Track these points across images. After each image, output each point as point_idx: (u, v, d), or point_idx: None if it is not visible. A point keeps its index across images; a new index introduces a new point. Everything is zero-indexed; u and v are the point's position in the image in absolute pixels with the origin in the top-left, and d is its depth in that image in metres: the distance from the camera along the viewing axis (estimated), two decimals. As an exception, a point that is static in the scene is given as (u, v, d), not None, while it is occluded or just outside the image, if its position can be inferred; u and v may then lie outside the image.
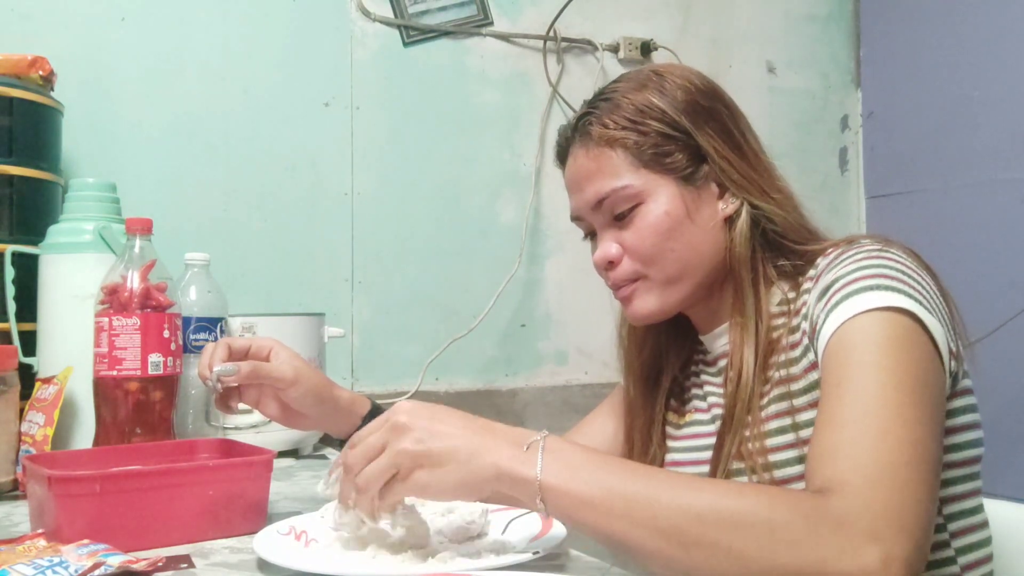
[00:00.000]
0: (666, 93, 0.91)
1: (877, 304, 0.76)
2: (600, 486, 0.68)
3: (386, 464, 0.72)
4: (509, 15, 2.00)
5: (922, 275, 0.80)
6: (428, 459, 0.71)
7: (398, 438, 0.72)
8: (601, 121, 0.91)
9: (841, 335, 0.76)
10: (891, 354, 0.73)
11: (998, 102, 2.00)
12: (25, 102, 1.35)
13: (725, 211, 0.92)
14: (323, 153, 1.83)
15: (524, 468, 0.70)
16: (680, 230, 0.90)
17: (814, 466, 0.71)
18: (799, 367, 0.85)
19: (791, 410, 0.85)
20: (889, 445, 0.68)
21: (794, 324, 0.87)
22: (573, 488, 0.69)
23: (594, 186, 0.92)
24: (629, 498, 0.67)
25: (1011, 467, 1.09)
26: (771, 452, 0.85)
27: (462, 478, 0.70)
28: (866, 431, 0.69)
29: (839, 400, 0.73)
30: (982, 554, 0.87)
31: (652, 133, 0.90)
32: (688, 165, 0.91)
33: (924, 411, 0.71)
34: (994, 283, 1.93)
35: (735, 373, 0.89)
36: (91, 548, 0.72)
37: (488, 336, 1.93)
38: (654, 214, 0.90)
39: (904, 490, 0.66)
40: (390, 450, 0.72)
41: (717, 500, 0.66)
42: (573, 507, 0.69)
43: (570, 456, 0.71)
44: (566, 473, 0.69)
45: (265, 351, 0.96)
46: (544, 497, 0.69)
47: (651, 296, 0.92)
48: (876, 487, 0.65)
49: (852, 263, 0.81)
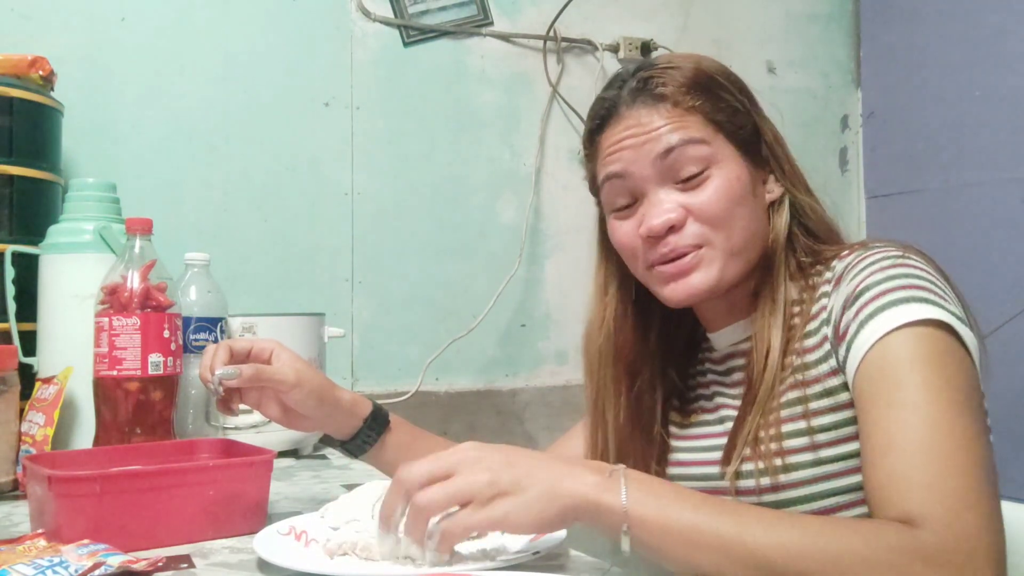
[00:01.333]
0: (721, 69, 0.92)
1: (913, 317, 0.75)
2: (690, 519, 0.68)
3: (460, 487, 0.68)
4: (509, 15, 2.00)
5: (944, 282, 0.81)
6: (510, 488, 0.68)
7: (473, 467, 0.69)
8: (675, 81, 0.88)
9: (882, 351, 0.76)
10: (937, 371, 0.73)
11: (998, 102, 2.00)
12: (25, 102, 1.35)
13: (772, 195, 0.92)
14: (323, 153, 1.83)
15: (609, 496, 0.69)
16: (746, 200, 0.88)
17: (887, 495, 0.70)
18: (816, 371, 0.84)
19: (806, 413, 0.84)
20: (962, 472, 0.68)
21: (809, 329, 0.86)
22: (662, 519, 0.68)
23: (665, 138, 0.87)
24: (721, 533, 0.67)
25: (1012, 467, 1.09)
26: (788, 454, 0.84)
27: (544, 507, 0.68)
28: (934, 457, 0.69)
29: (895, 423, 0.72)
30: None
31: (724, 102, 0.89)
32: (753, 140, 0.91)
33: (978, 426, 0.72)
34: (994, 283, 1.93)
35: (761, 356, 0.87)
36: (91, 548, 0.72)
37: (488, 336, 1.93)
38: (727, 178, 0.87)
39: (986, 522, 0.67)
40: (466, 476, 0.68)
41: (813, 536, 0.66)
42: (661, 539, 0.68)
43: (656, 487, 0.71)
44: (653, 503, 0.69)
45: (266, 353, 0.96)
46: (631, 527, 0.68)
47: (714, 268, 0.87)
48: (961, 521, 0.66)
49: (878, 271, 0.80)
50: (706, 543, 0.67)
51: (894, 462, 0.71)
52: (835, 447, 0.82)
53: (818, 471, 0.83)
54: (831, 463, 0.82)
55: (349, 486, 1.10)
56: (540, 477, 0.69)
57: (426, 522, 0.68)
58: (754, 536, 0.67)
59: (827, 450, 0.82)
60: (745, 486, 0.86)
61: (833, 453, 0.82)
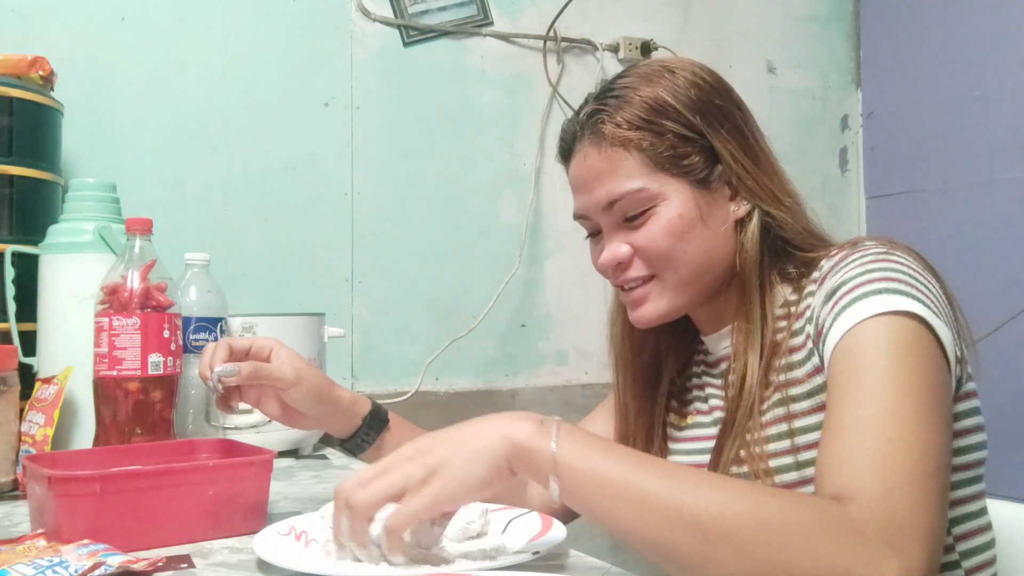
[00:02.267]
0: (679, 91, 0.89)
1: (885, 308, 0.75)
2: (620, 471, 0.66)
3: (392, 479, 0.68)
4: (509, 15, 2.00)
5: (928, 278, 0.80)
6: (438, 464, 0.68)
7: (397, 461, 0.70)
8: (613, 119, 0.88)
9: (849, 340, 0.75)
10: (901, 359, 0.72)
11: (998, 102, 2.00)
12: (25, 102, 1.35)
13: (737, 214, 0.90)
14: (323, 153, 1.83)
15: (539, 442, 0.68)
16: (693, 233, 0.88)
17: (827, 471, 0.70)
18: (802, 371, 0.85)
19: (788, 416, 0.84)
20: (905, 454, 0.67)
21: (796, 327, 0.87)
22: (588, 468, 0.67)
23: (606, 187, 0.89)
24: (650, 488, 0.65)
25: (1011, 467, 1.09)
26: (771, 457, 0.84)
27: (474, 467, 0.67)
28: (880, 438, 0.68)
29: (849, 405, 0.72)
30: (987, 557, 0.87)
31: (668, 134, 0.87)
32: (703, 167, 0.89)
33: (935, 417, 0.70)
34: (994, 283, 1.93)
35: (738, 378, 0.88)
36: (91, 548, 0.72)
37: (488, 336, 1.93)
38: (667, 217, 0.88)
39: (922, 501, 0.65)
40: (396, 470, 0.69)
41: (740, 498, 0.65)
42: (588, 489, 0.67)
43: (588, 439, 0.69)
44: (583, 453, 0.67)
45: (266, 351, 0.96)
46: (559, 474, 0.67)
47: (663, 299, 0.90)
48: (895, 497, 0.65)
49: (858, 266, 0.80)
50: (633, 497, 0.65)
51: (842, 442, 0.70)
52: (814, 450, 0.81)
53: (802, 474, 0.83)
54: (810, 466, 0.82)
55: (349, 486, 1.10)
56: (462, 442, 0.69)
57: (366, 524, 0.68)
58: (681, 493, 0.65)
59: (806, 453, 0.83)
60: None
61: (811, 456, 0.81)
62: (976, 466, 0.86)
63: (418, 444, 0.71)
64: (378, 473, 0.70)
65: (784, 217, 0.90)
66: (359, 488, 0.69)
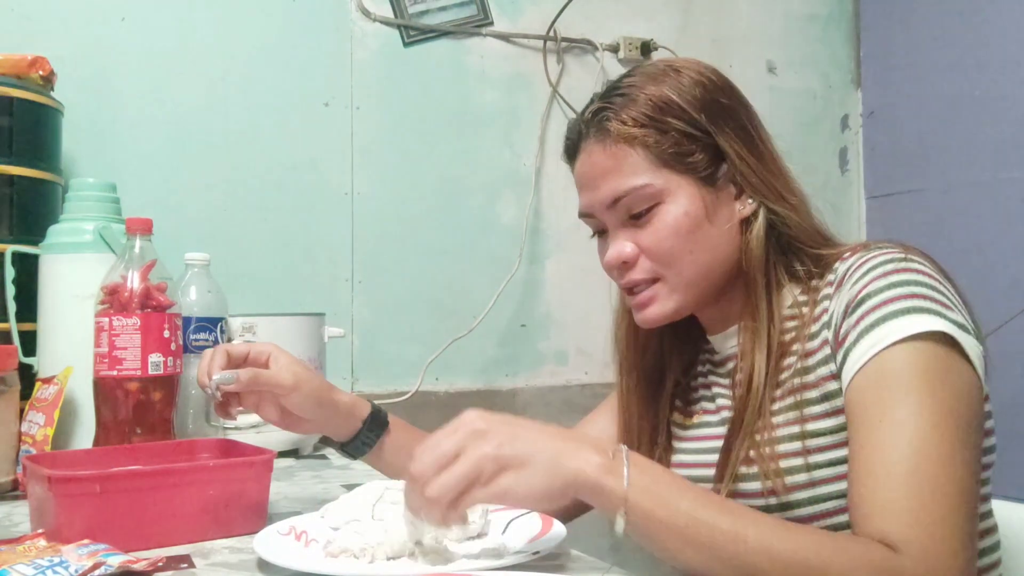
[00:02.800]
0: (684, 89, 0.89)
1: (913, 331, 0.75)
2: (686, 513, 0.68)
3: (467, 469, 0.68)
4: (509, 15, 2.00)
5: (947, 286, 0.80)
6: (513, 462, 0.68)
7: (477, 442, 0.69)
8: (619, 117, 0.88)
9: (878, 366, 0.76)
10: (932, 391, 0.73)
11: (998, 102, 2.00)
12: (25, 102, 1.35)
13: (742, 212, 0.90)
14: (323, 153, 1.83)
15: (611, 479, 0.69)
16: (698, 232, 0.88)
17: (868, 513, 0.71)
18: (815, 375, 0.84)
19: (800, 419, 0.84)
20: (942, 497, 0.69)
21: (812, 331, 0.86)
22: (660, 510, 0.68)
23: (611, 184, 0.89)
24: (714, 530, 0.68)
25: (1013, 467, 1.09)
26: (782, 458, 0.84)
27: (547, 482, 0.68)
28: (917, 481, 0.70)
29: (882, 443, 0.73)
30: (994, 558, 0.87)
31: (672, 132, 0.87)
32: (708, 165, 0.88)
33: (967, 452, 0.72)
34: (995, 283, 1.93)
35: (745, 378, 0.87)
36: (91, 548, 0.72)
37: (488, 336, 1.93)
38: (673, 215, 0.87)
39: (960, 549, 0.68)
40: (470, 454, 0.68)
41: (802, 548, 0.67)
42: (655, 529, 0.68)
43: (658, 474, 0.71)
44: (653, 492, 0.69)
45: (264, 356, 0.96)
46: (628, 512, 0.68)
47: (670, 301, 0.90)
48: (939, 546, 0.68)
49: (881, 277, 0.80)
50: (699, 539, 0.68)
51: (877, 481, 0.72)
52: (826, 452, 0.82)
53: (812, 476, 0.83)
54: (821, 468, 0.82)
55: (349, 486, 1.10)
56: (544, 451, 0.69)
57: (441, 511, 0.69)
58: (745, 539, 0.67)
59: (817, 455, 0.83)
60: (745, 489, 0.86)
61: (824, 459, 0.82)
62: (986, 469, 0.85)
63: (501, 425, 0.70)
64: (453, 451, 0.69)
65: (789, 215, 0.90)
66: (434, 479, 0.68)
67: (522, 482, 0.68)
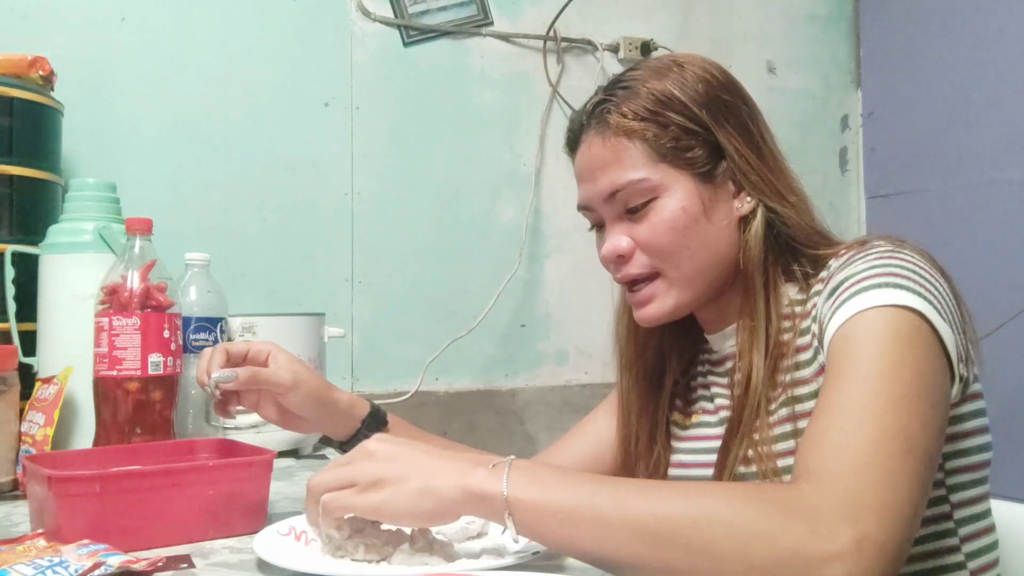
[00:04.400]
0: (687, 85, 0.89)
1: (884, 301, 0.74)
2: (568, 497, 0.68)
3: (345, 472, 0.72)
4: (509, 15, 2.00)
5: (934, 276, 0.79)
6: (388, 480, 0.71)
7: (362, 458, 0.73)
8: (619, 109, 0.88)
9: (845, 329, 0.75)
10: (893, 349, 0.72)
11: (998, 102, 2.00)
12: (25, 102, 1.35)
13: (740, 210, 0.90)
14: (323, 153, 1.83)
15: (489, 485, 0.69)
16: (695, 227, 0.88)
17: (800, 454, 0.70)
18: (808, 371, 0.85)
19: (793, 416, 0.84)
20: (875, 434, 0.67)
21: (803, 327, 0.86)
22: (541, 500, 0.68)
23: (609, 177, 0.89)
24: (598, 505, 0.67)
25: (1012, 467, 1.09)
26: (779, 457, 0.84)
27: (416, 501, 0.70)
28: (853, 420, 0.68)
29: (835, 390, 0.72)
30: (991, 557, 0.87)
31: (672, 126, 0.87)
32: (707, 161, 0.88)
33: (920, 406, 0.69)
34: (994, 283, 1.93)
35: (743, 378, 0.87)
36: (91, 548, 0.72)
37: (488, 336, 1.93)
38: (670, 209, 0.88)
39: (885, 477, 0.65)
40: (351, 465, 0.73)
41: (684, 499, 0.66)
42: (542, 519, 0.68)
43: (537, 472, 0.71)
44: (534, 487, 0.69)
45: (263, 355, 0.96)
46: (512, 511, 0.68)
47: (669, 298, 0.90)
48: (855, 473, 0.65)
49: (863, 263, 0.80)
50: (584, 518, 0.67)
51: (818, 424, 0.70)
52: None
53: None
54: None
55: (349, 486, 1.10)
56: (418, 472, 0.71)
57: (316, 505, 0.73)
58: (628, 504, 0.66)
59: None
60: None
61: None
62: (982, 467, 0.85)
63: (388, 446, 0.74)
64: (341, 462, 0.74)
65: (789, 214, 0.89)
66: (320, 473, 0.74)
67: (393, 499, 0.70)
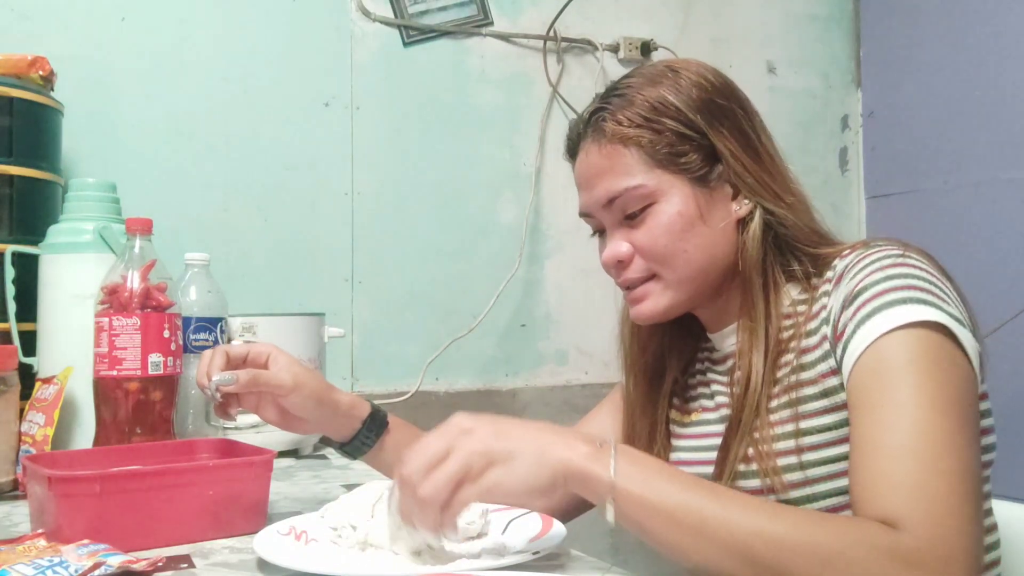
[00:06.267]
0: (681, 90, 0.89)
1: (909, 319, 0.75)
2: (674, 497, 0.68)
3: (457, 466, 0.68)
4: (509, 15, 2.00)
5: (944, 281, 0.80)
6: (501, 456, 0.69)
7: (465, 440, 0.70)
8: (615, 117, 0.89)
9: (874, 352, 0.76)
10: (930, 375, 0.73)
11: (998, 102, 2.00)
12: (25, 102, 1.35)
13: (738, 213, 0.90)
14: (323, 153, 1.83)
15: (597, 467, 0.69)
16: (692, 231, 0.89)
17: (869, 495, 0.71)
18: (813, 372, 0.85)
19: (796, 416, 0.84)
20: (945, 477, 0.68)
21: (810, 328, 0.86)
22: (647, 495, 0.69)
23: (605, 184, 0.90)
24: (704, 514, 0.68)
25: (1013, 468, 1.09)
26: (779, 456, 0.84)
27: (534, 473, 0.69)
28: (919, 461, 0.69)
29: (881, 424, 0.72)
30: (993, 556, 0.87)
31: (667, 132, 0.88)
32: (702, 166, 0.89)
33: (968, 435, 0.72)
34: (994, 283, 1.93)
35: (743, 377, 0.88)
36: (91, 548, 0.72)
37: (488, 336, 1.93)
38: (667, 214, 0.88)
39: (967, 526, 0.67)
40: (459, 452, 0.69)
41: (794, 527, 0.67)
42: (644, 514, 0.69)
43: (645, 462, 0.71)
44: (640, 478, 0.69)
45: (263, 357, 0.96)
46: (616, 499, 0.68)
47: (663, 297, 0.91)
48: (943, 525, 0.66)
49: (878, 271, 0.80)
50: (689, 523, 0.68)
51: (878, 462, 0.71)
52: (820, 451, 0.82)
53: (806, 475, 0.83)
54: (815, 467, 0.82)
55: (349, 486, 1.10)
56: (531, 444, 0.70)
57: (436, 512, 0.69)
58: (737, 522, 0.67)
59: (810, 454, 0.83)
60: (744, 487, 0.86)
61: (817, 457, 0.82)
62: (987, 467, 0.86)
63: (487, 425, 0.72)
64: (442, 452, 0.70)
65: (786, 215, 0.90)
66: (424, 479, 0.69)
67: (510, 475, 0.69)
